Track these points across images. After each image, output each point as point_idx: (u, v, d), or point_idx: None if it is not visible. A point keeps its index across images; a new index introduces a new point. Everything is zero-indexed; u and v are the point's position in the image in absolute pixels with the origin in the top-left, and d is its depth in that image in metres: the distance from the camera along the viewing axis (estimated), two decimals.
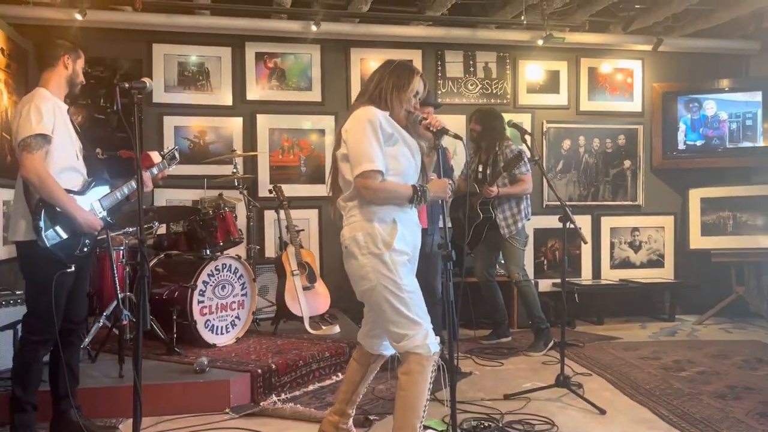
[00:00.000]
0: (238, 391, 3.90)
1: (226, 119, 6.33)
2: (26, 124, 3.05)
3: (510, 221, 5.36)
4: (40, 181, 3.04)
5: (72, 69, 3.29)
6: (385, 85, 2.92)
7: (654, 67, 7.14)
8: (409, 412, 2.74)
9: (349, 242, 2.84)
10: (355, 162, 2.78)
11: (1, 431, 3.30)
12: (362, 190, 2.78)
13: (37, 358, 3.17)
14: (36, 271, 3.12)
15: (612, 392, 4.23)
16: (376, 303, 2.82)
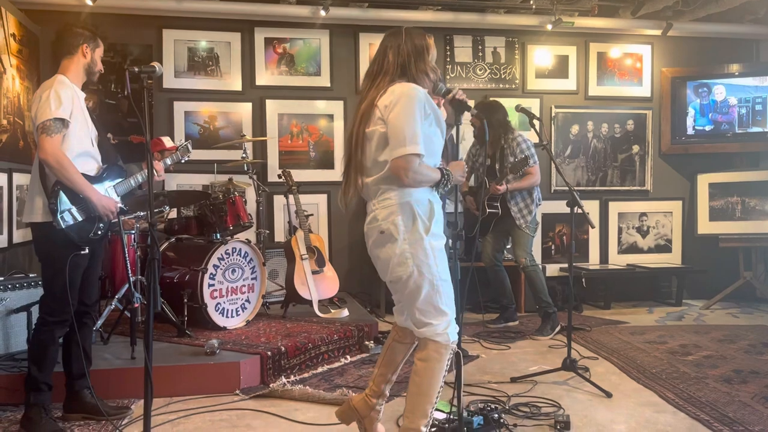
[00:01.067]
0: (248, 373, 3.93)
1: (236, 104, 6.33)
2: (45, 108, 3.07)
3: (525, 212, 5.36)
4: (58, 164, 3.06)
5: (90, 57, 3.32)
6: (406, 56, 2.72)
7: (663, 52, 7.08)
8: (423, 398, 2.69)
9: (387, 226, 2.66)
10: (397, 143, 2.60)
11: (17, 410, 3.34)
12: (400, 172, 2.60)
13: (53, 339, 3.21)
14: (51, 252, 3.15)
15: (618, 376, 4.24)
16: (409, 289, 2.70)
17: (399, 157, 2.60)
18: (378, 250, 2.75)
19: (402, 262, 2.66)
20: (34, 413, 3.14)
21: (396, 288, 2.78)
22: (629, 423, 3.39)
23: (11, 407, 3.49)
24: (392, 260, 2.68)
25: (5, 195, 4.87)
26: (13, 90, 5.11)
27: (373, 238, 2.76)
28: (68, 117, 3.12)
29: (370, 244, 2.79)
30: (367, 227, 2.79)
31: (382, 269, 2.78)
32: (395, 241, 2.66)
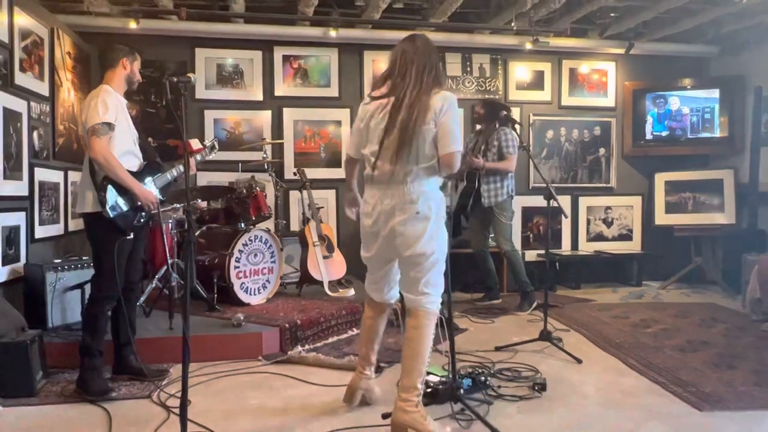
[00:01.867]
0: (268, 342, 3.95)
1: (257, 112, 6.33)
2: (94, 113, 3.09)
3: (492, 193, 5.28)
4: (106, 161, 3.09)
5: (130, 69, 3.33)
6: (436, 66, 2.77)
7: (626, 68, 7.07)
8: (418, 359, 2.71)
9: (423, 208, 2.65)
10: (451, 141, 2.61)
11: (74, 372, 3.36)
12: (452, 164, 2.62)
13: (103, 311, 3.23)
14: (100, 238, 3.18)
15: (588, 345, 4.25)
16: (428, 262, 2.69)
17: (452, 152, 2.62)
18: (406, 227, 2.68)
19: (432, 238, 2.67)
20: (88, 375, 3.17)
21: (415, 261, 2.70)
22: (597, 385, 3.41)
23: (68, 370, 3.51)
24: (423, 237, 2.66)
25: (62, 190, 4.88)
26: (68, 100, 5.11)
27: (403, 217, 2.67)
28: (114, 121, 3.14)
29: (397, 222, 2.68)
30: (397, 207, 2.68)
31: (403, 244, 2.69)
32: (428, 221, 2.67)
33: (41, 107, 4.54)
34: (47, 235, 4.60)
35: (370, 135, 2.76)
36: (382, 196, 2.72)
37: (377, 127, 2.73)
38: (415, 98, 2.64)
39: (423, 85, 2.67)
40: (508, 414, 3.00)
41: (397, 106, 2.66)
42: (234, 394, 3.26)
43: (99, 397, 3.12)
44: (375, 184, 2.76)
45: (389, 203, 2.70)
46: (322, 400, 3.17)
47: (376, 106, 2.75)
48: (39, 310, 3.93)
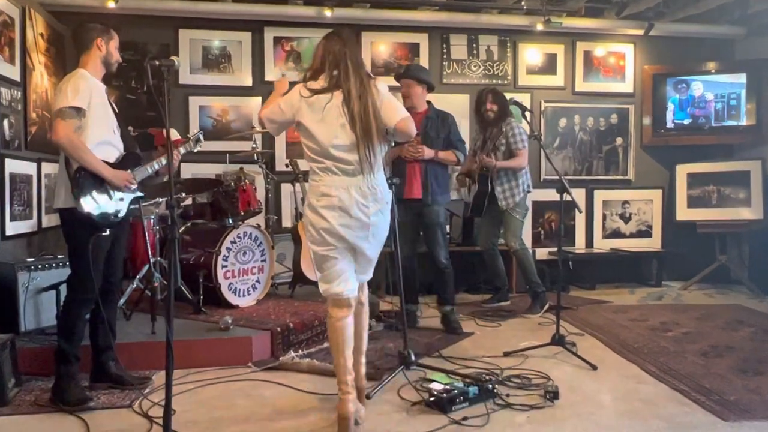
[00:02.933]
0: (259, 347, 3.94)
1: (247, 99, 6.32)
2: (63, 96, 3.08)
3: (508, 194, 5.32)
4: (71, 144, 3.06)
5: (106, 50, 3.29)
6: (359, 56, 2.96)
7: (645, 51, 7.05)
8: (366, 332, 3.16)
9: (387, 197, 2.97)
10: (399, 110, 2.91)
11: (48, 380, 3.36)
12: (405, 131, 2.91)
13: (80, 315, 3.23)
14: (75, 234, 3.17)
15: (603, 350, 4.25)
16: (381, 247, 3.04)
17: (403, 117, 2.88)
18: (381, 218, 2.93)
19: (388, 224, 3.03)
20: (64, 382, 3.17)
21: (376, 249, 3.00)
22: (614, 393, 3.41)
23: (42, 377, 3.50)
24: (388, 224, 3.00)
25: (35, 183, 4.88)
26: (42, 85, 5.10)
27: (378, 207, 2.89)
28: (85, 107, 3.12)
29: (376, 211, 2.89)
30: (369, 198, 2.86)
31: (378, 234, 2.95)
32: (388, 209, 2.98)
33: (12, 93, 4.53)
34: (19, 231, 4.60)
35: (324, 131, 2.84)
36: (347, 188, 2.83)
37: (333, 122, 2.84)
38: (361, 89, 2.83)
39: (363, 77, 2.87)
40: (517, 424, 3.00)
41: (349, 102, 2.82)
42: (221, 403, 3.26)
43: (76, 407, 3.11)
44: (340, 176, 2.85)
45: (360, 195, 2.84)
46: (316, 409, 3.17)
47: (323, 102, 2.86)
48: (10, 313, 3.91)
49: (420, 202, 4.60)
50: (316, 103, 2.86)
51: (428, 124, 4.64)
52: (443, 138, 4.66)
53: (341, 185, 2.83)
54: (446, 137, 4.67)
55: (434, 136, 4.63)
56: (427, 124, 4.64)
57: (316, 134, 2.85)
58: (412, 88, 4.63)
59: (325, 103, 2.84)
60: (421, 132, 4.60)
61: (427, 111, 4.70)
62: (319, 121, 2.85)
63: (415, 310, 4.91)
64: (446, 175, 4.79)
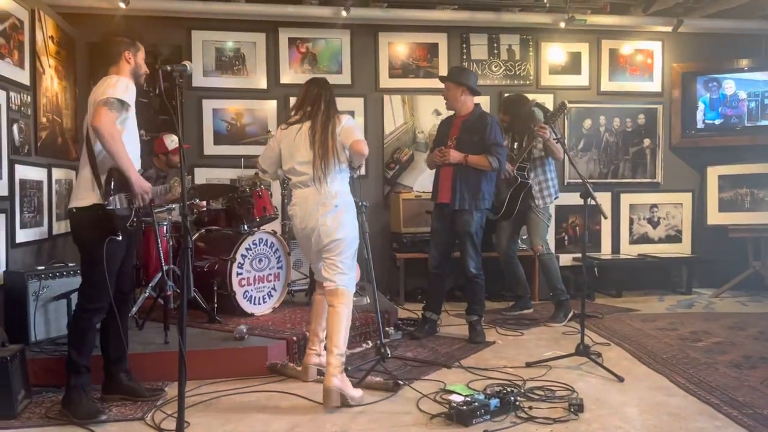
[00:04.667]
0: (275, 357, 3.95)
1: (261, 102, 6.37)
2: (113, 88, 3.13)
3: (545, 192, 5.34)
4: (110, 134, 3.08)
5: (134, 62, 3.35)
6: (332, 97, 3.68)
7: (674, 48, 7.00)
8: (341, 333, 3.46)
9: (339, 201, 3.56)
10: (356, 133, 3.59)
11: (58, 392, 3.40)
12: (359, 151, 3.53)
13: (91, 325, 3.26)
14: (90, 237, 3.19)
15: (630, 361, 4.21)
16: (341, 248, 3.57)
17: (357, 140, 3.56)
18: (329, 219, 3.54)
19: (344, 226, 3.57)
20: (74, 394, 3.19)
21: (333, 247, 3.57)
22: (641, 406, 3.38)
23: (53, 389, 3.54)
24: (340, 226, 3.56)
25: (45, 189, 4.94)
26: (52, 89, 5.17)
27: (326, 210, 3.53)
28: (131, 104, 3.19)
29: (324, 213, 3.53)
30: (319, 202, 3.53)
31: (327, 233, 3.54)
32: (342, 212, 3.58)
33: (22, 97, 4.60)
34: (29, 239, 4.65)
35: (292, 152, 3.60)
36: (306, 197, 3.55)
37: (299, 145, 3.57)
38: (325, 119, 3.57)
39: (330, 111, 3.61)
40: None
41: (314, 128, 3.56)
42: (236, 415, 3.28)
43: (87, 420, 3.14)
44: (301, 188, 3.59)
45: (313, 201, 3.52)
46: (333, 421, 3.18)
47: (295, 131, 3.62)
48: (20, 323, 3.96)
49: (449, 207, 4.61)
50: (290, 131, 3.63)
51: (464, 127, 4.64)
52: (477, 141, 4.58)
53: (301, 196, 3.58)
54: (480, 140, 4.58)
55: (467, 139, 4.61)
56: (463, 127, 4.64)
57: (287, 155, 3.62)
58: (450, 91, 4.66)
59: (296, 131, 3.60)
60: (458, 135, 4.62)
61: (469, 114, 4.68)
62: (291, 145, 3.60)
63: (436, 318, 4.90)
64: (480, 180, 4.59)
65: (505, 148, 4.71)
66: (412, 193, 6.31)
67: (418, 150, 6.59)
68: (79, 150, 4.62)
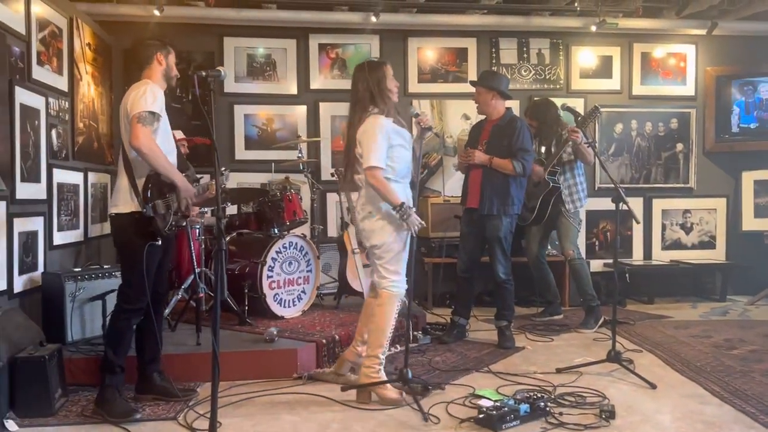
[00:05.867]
0: (304, 360, 3.98)
1: (292, 107, 6.42)
2: (141, 101, 3.18)
3: (576, 196, 5.31)
4: (150, 150, 3.17)
5: (166, 64, 3.42)
6: (370, 85, 3.55)
7: (708, 51, 6.90)
8: (380, 334, 3.52)
9: (371, 207, 3.56)
10: (365, 156, 3.47)
11: (93, 391, 3.46)
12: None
13: (129, 326, 3.32)
14: (130, 242, 3.26)
15: (663, 368, 4.15)
16: (378, 252, 3.60)
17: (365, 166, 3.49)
18: (366, 224, 3.59)
19: (377, 233, 3.57)
20: (109, 393, 3.25)
21: (372, 252, 3.63)
22: (674, 413, 3.33)
23: (88, 388, 3.61)
24: (374, 231, 3.58)
25: (81, 192, 5.04)
26: (88, 95, 5.28)
27: (362, 215, 3.60)
28: (160, 112, 3.25)
29: (362, 218, 3.60)
30: (360, 208, 3.62)
31: (366, 237, 3.61)
32: (375, 219, 3.57)
33: (60, 103, 4.71)
34: (66, 241, 4.76)
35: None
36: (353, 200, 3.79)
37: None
38: (351, 122, 3.60)
39: (357, 109, 3.58)
40: None
41: (348, 130, 3.63)
42: (267, 417, 3.31)
43: (121, 418, 3.19)
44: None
45: (357, 204, 3.62)
46: (363, 424, 3.19)
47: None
48: (57, 323, 4.05)
49: (477, 212, 4.60)
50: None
51: (495, 132, 4.64)
52: (506, 145, 4.56)
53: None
54: (509, 144, 4.55)
55: (497, 143, 4.59)
56: (494, 132, 4.64)
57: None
58: (481, 95, 4.68)
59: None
60: (488, 139, 4.62)
61: (499, 119, 4.68)
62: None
63: (464, 323, 4.89)
64: (509, 185, 4.55)
65: (532, 153, 4.68)
66: (441, 197, 6.31)
67: (447, 154, 6.59)
68: (114, 154, 4.74)
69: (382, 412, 3.34)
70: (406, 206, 3.42)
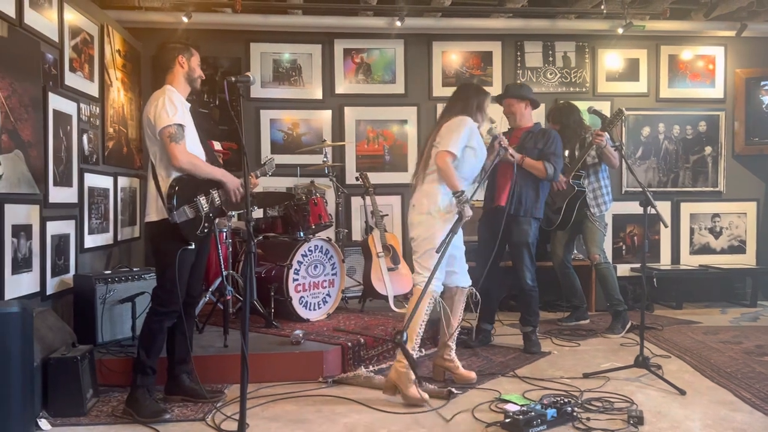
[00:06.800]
0: (330, 362, 4.00)
1: (317, 112, 6.47)
2: (164, 114, 3.23)
3: (600, 200, 5.27)
4: (192, 165, 3.27)
5: (188, 66, 3.45)
6: (473, 101, 3.84)
7: (737, 53, 6.81)
8: (411, 328, 3.49)
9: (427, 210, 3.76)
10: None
11: (124, 392, 3.51)
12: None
13: (161, 328, 3.37)
14: (163, 247, 3.32)
15: (692, 374, 4.10)
16: (412, 245, 3.77)
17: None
18: (412, 219, 3.80)
19: (415, 226, 3.77)
20: (140, 394, 3.30)
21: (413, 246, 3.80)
22: (704, 420, 3.29)
23: (119, 388, 3.67)
24: (420, 228, 3.74)
25: (111, 196, 5.13)
26: (118, 101, 5.38)
27: (413, 213, 3.79)
28: (183, 121, 3.29)
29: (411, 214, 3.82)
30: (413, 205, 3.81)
31: (411, 232, 3.77)
32: (420, 214, 3.76)
33: (91, 109, 4.80)
34: (96, 244, 4.85)
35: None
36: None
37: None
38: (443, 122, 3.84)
39: (451, 113, 3.82)
40: None
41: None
42: (293, 418, 3.33)
43: (150, 419, 3.24)
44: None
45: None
46: (389, 428, 3.20)
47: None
48: (88, 325, 4.13)
49: (504, 211, 4.57)
50: None
51: (527, 137, 4.65)
52: (538, 150, 4.58)
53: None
54: (541, 150, 4.58)
55: (530, 147, 4.61)
56: (526, 137, 4.65)
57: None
58: (513, 106, 4.70)
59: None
60: (519, 144, 4.64)
61: (531, 126, 4.72)
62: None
63: (489, 328, 4.88)
64: (539, 188, 4.60)
65: (562, 161, 4.69)
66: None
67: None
68: (144, 159, 4.82)
69: (408, 415, 3.35)
70: (465, 194, 3.58)
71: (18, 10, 3.75)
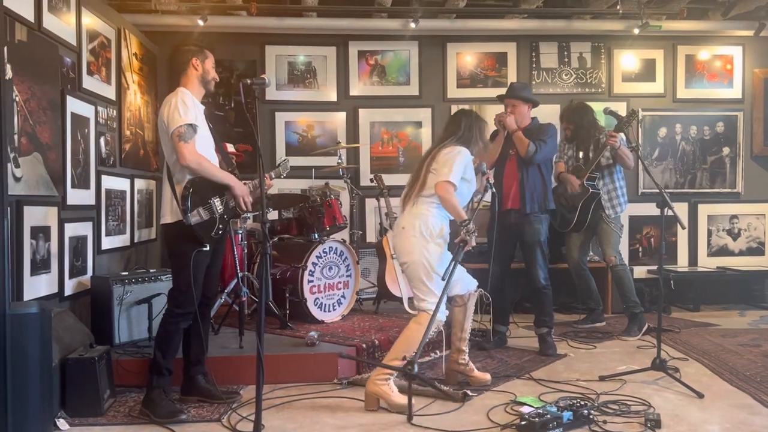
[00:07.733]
0: (345, 364, 4.00)
1: (331, 114, 6.49)
2: (175, 114, 3.26)
3: (615, 201, 5.24)
4: (199, 165, 3.28)
5: (202, 68, 3.46)
6: (474, 129, 3.83)
7: (755, 53, 6.74)
8: (401, 346, 3.50)
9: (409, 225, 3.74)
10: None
11: (140, 392, 3.54)
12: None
13: (177, 329, 3.40)
14: (179, 249, 3.35)
15: (710, 377, 4.06)
16: (406, 271, 3.76)
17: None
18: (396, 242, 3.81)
19: (407, 252, 3.72)
20: (156, 395, 3.33)
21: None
22: (722, 424, 3.25)
23: (135, 389, 3.70)
24: (404, 248, 3.72)
25: (128, 198, 5.17)
26: (135, 104, 5.42)
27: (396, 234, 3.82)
28: (195, 122, 3.31)
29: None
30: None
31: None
32: (412, 237, 3.67)
33: (108, 112, 4.85)
34: (113, 246, 4.89)
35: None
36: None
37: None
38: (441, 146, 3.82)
39: (449, 141, 3.79)
40: None
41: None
42: (308, 420, 3.34)
43: (166, 419, 3.26)
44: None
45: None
46: (404, 429, 3.19)
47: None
48: (105, 325, 4.17)
49: (518, 213, 4.57)
50: None
51: (525, 134, 4.64)
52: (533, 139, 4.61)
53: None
54: (535, 138, 4.60)
55: (529, 137, 4.61)
56: (524, 134, 4.64)
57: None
58: (517, 107, 4.69)
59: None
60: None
61: (529, 124, 4.72)
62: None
63: (504, 330, 4.86)
64: (545, 182, 4.63)
65: (551, 149, 4.68)
66: (475, 202, 6.27)
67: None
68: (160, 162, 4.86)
69: (425, 416, 3.34)
70: (471, 224, 3.52)
71: (37, 14, 3.80)
